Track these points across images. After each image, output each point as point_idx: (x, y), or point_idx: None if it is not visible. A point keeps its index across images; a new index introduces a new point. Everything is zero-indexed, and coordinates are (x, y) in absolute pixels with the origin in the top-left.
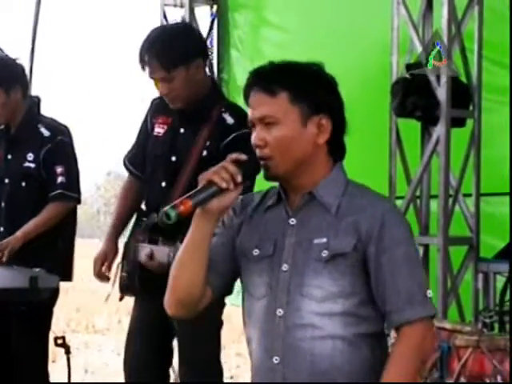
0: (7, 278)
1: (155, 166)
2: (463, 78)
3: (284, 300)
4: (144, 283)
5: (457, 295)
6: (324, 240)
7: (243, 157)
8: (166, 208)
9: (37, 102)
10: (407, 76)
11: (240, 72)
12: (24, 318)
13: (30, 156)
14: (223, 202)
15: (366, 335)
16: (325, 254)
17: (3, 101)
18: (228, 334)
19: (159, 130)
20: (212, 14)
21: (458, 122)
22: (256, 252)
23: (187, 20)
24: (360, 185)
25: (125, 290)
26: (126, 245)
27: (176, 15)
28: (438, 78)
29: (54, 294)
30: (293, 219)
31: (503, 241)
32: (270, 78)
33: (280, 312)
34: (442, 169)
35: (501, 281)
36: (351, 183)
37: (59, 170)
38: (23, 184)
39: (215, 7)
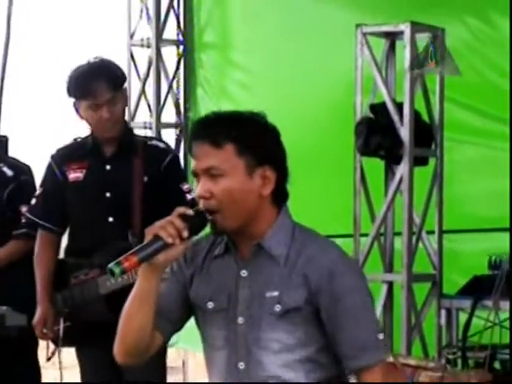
0: None
1: (86, 208)
2: (426, 118)
3: (244, 353)
4: (87, 331)
5: (420, 331)
6: (275, 294)
7: (190, 212)
8: (111, 265)
9: (4, 141)
10: (371, 116)
11: (206, 111)
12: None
13: None
14: (169, 255)
15: (329, 380)
16: (278, 308)
17: None
18: None
19: (77, 175)
20: (178, 55)
21: (421, 161)
22: (210, 305)
23: (154, 60)
24: (307, 229)
25: (66, 343)
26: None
27: (143, 55)
28: (401, 117)
29: (25, 332)
30: (244, 271)
31: (465, 277)
32: (216, 129)
33: (242, 365)
34: (406, 207)
35: (463, 317)
36: (297, 228)
37: (24, 209)
38: None
39: (181, 48)
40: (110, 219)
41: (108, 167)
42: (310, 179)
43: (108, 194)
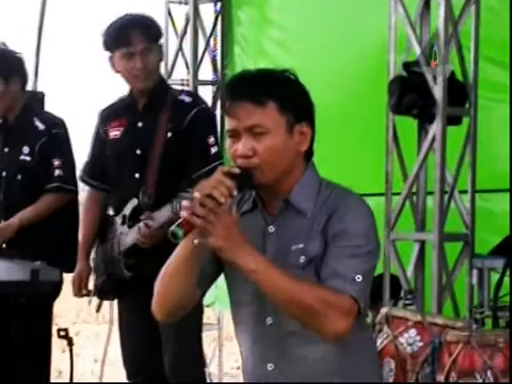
0: (8, 270)
1: (121, 164)
2: (459, 76)
3: (272, 308)
4: (122, 286)
5: (452, 291)
6: (301, 246)
7: (236, 170)
8: (173, 227)
9: (41, 97)
10: (404, 74)
11: (243, 68)
12: (24, 310)
13: (26, 149)
14: None
15: (352, 331)
16: (302, 259)
17: (1, 91)
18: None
19: (116, 132)
20: (216, 11)
21: (455, 120)
22: None
23: (191, 17)
24: (334, 184)
25: (102, 295)
26: (97, 252)
27: (180, 12)
28: (435, 76)
29: (57, 286)
30: (271, 227)
31: (498, 237)
32: (257, 87)
33: (269, 320)
34: (438, 166)
35: (495, 276)
36: (324, 183)
37: (56, 162)
38: (19, 177)
39: (219, 4)
40: (137, 175)
41: (140, 124)
42: (342, 137)
43: (138, 151)
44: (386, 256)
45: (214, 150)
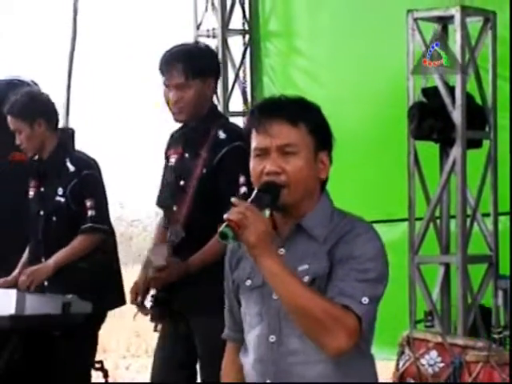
0: (40, 304)
1: (167, 192)
2: (478, 100)
3: (276, 327)
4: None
5: (477, 312)
6: (306, 266)
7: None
8: (221, 228)
9: (71, 133)
10: (423, 100)
11: None
12: (60, 343)
13: (60, 190)
14: None
15: (354, 356)
16: (306, 279)
17: (27, 134)
18: None
19: (172, 159)
20: (244, 44)
21: (475, 143)
22: (248, 282)
23: (220, 49)
24: (344, 212)
25: (155, 318)
26: None
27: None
28: (454, 100)
29: (96, 319)
30: (281, 249)
31: None
32: (291, 108)
33: (273, 338)
34: (459, 189)
35: None
36: (336, 211)
37: (88, 203)
38: (54, 218)
39: (247, 37)
40: (174, 208)
41: (186, 155)
42: (364, 164)
43: (181, 183)
44: (411, 279)
45: (243, 190)
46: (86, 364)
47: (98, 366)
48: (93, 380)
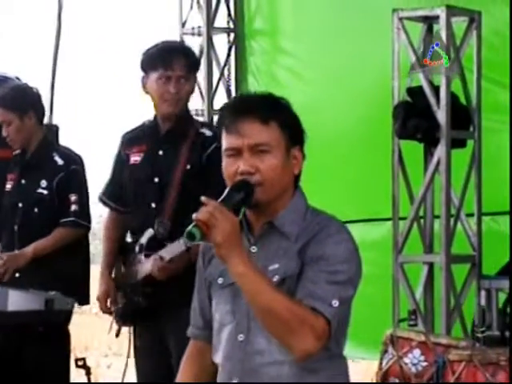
0: (24, 300)
1: (138, 191)
2: (463, 100)
3: (245, 326)
4: (140, 312)
5: (460, 312)
6: (276, 266)
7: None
8: (189, 228)
9: (55, 130)
10: (408, 99)
11: None
12: (42, 339)
13: (44, 183)
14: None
15: (322, 358)
16: (275, 279)
17: (17, 126)
18: None
19: (135, 158)
20: (229, 42)
21: (459, 143)
22: (220, 280)
23: (205, 47)
24: (320, 212)
25: (121, 321)
26: (116, 279)
27: (194, 44)
28: (438, 100)
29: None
30: (254, 247)
31: (506, 258)
32: (263, 106)
33: (241, 337)
34: (444, 189)
35: (503, 297)
36: (310, 209)
37: (73, 198)
38: (36, 210)
39: (232, 35)
40: (153, 205)
41: (161, 152)
42: (349, 163)
43: (156, 180)
44: (394, 278)
45: None
46: (65, 359)
47: (80, 363)
48: (75, 377)
